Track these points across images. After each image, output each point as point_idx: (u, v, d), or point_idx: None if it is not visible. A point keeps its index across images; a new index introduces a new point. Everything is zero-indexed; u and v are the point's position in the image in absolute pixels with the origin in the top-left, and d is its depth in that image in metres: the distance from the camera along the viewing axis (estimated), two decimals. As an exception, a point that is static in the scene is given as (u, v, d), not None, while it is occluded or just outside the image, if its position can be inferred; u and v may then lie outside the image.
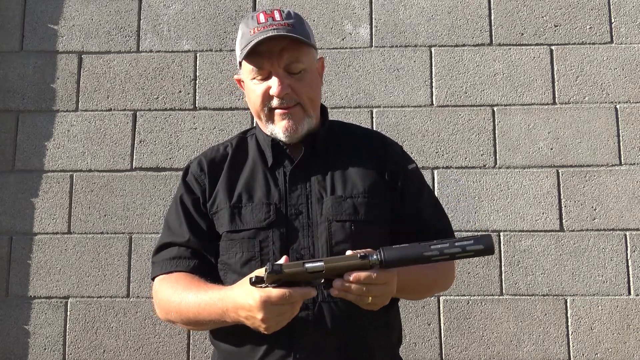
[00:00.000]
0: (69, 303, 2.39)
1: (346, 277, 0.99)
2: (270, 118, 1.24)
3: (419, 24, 2.52)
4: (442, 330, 2.33)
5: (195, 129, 2.49)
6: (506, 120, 2.44)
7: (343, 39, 2.53)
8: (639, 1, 2.50)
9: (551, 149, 2.41)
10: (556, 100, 2.45)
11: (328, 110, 1.39)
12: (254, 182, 1.25)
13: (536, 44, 2.49)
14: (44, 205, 2.45)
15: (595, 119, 2.42)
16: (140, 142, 2.48)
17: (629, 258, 2.33)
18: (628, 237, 2.34)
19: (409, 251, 1.00)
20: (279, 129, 1.23)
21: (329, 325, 1.15)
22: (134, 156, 2.48)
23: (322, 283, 1.01)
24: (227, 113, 2.49)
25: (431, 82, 2.48)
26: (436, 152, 2.43)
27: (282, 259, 1.03)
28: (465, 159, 2.42)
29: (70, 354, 2.36)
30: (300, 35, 1.19)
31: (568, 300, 2.32)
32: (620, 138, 2.41)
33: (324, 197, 1.21)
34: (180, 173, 1.51)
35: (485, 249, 0.99)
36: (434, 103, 2.47)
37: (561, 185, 2.39)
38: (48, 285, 2.40)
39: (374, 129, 2.41)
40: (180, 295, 1.16)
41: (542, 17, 2.51)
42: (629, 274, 2.32)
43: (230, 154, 1.31)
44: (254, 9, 2.56)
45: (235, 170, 1.28)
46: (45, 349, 2.37)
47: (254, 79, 1.22)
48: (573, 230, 2.36)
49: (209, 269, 1.23)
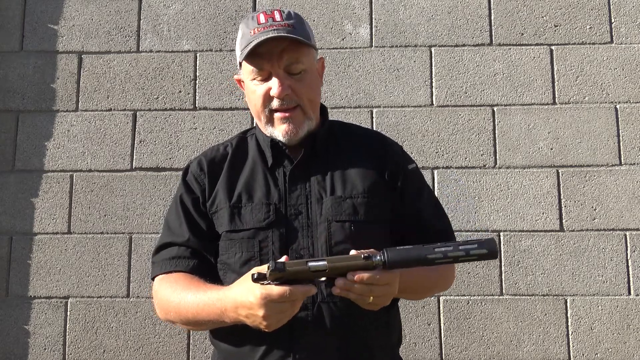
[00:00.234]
0: (69, 303, 2.39)
1: (349, 277, 0.98)
2: (270, 120, 1.23)
3: (419, 24, 2.52)
4: (442, 330, 2.33)
5: (195, 129, 2.49)
6: (506, 120, 2.44)
7: (343, 39, 2.53)
8: (639, 1, 2.50)
9: (551, 149, 2.41)
10: (556, 100, 2.45)
11: (328, 110, 1.39)
12: (253, 182, 1.25)
13: (536, 44, 2.49)
14: (44, 205, 2.45)
15: (595, 119, 2.42)
16: (140, 142, 2.48)
17: (629, 258, 2.33)
18: (628, 237, 2.34)
19: (412, 253, 1.00)
20: (278, 132, 1.23)
21: (329, 325, 1.15)
22: (134, 156, 2.48)
23: (324, 281, 1.01)
24: (227, 113, 2.49)
25: (431, 82, 2.48)
26: (436, 152, 2.43)
27: (283, 258, 1.03)
28: (465, 159, 2.42)
29: (70, 354, 2.36)
30: (300, 36, 1.19)
31: (568, 300, 2.32)
32: (620, 138, 2.41)
33: (324, 197, 1.21)
34: (180, 173, 1.51)
35: (488, 253, 0.99)
36: (434, 103, 2.47)
37: (561, 185, 2.39)
38: (48, 285, 2.40)
39: (374, 129, 2.41)
40: (179, 295, 1.16)
41: (542, 17, 2.51)
42: (629, 274, 2.32)
43: (230, 153, 1.31)
44: (254, 9, 2.56)
45: (235, 170, 1.28)
46: (45, 349, 2.37)
47: (254, 79, 1.22)
48: (573, 230, 2.36)
49: (209, 269, 1.22)
